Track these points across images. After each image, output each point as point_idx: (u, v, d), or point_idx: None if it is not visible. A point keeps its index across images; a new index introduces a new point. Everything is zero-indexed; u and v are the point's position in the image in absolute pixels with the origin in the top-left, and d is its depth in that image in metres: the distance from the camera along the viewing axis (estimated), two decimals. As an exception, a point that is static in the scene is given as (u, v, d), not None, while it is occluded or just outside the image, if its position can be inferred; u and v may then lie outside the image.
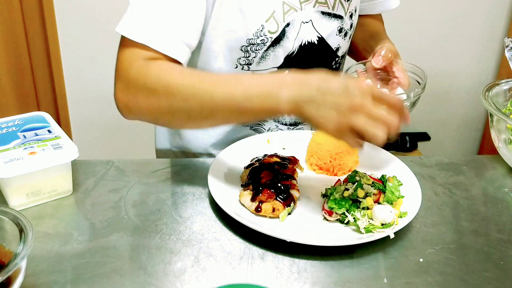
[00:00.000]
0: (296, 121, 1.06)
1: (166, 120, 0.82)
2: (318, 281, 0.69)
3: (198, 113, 0.77)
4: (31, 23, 2.21)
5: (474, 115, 2.55)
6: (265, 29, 0.91)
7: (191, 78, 0.78)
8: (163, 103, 0.78)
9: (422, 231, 0.79)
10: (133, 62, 0.81)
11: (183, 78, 0.78)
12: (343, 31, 1.00)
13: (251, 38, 0.91)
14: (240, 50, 0.93)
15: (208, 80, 0.77)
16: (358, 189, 0.79)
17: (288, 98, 0.71)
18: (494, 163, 1.00)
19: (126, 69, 0.81)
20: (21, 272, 0.60)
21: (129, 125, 2.42)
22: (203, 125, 0.83)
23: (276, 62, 0.96)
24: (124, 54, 0.83)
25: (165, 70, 0.79)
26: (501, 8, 2.32)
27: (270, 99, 0.72)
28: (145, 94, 0.79)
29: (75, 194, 0.85)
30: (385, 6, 1.13)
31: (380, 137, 0.68)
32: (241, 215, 0.76)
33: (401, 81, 0.93)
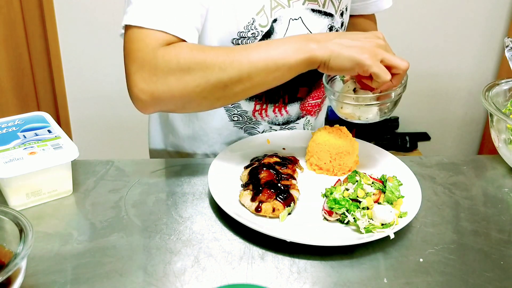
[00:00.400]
0: (288, 119, 1.06)
1: (199, 99, 0.81)
2: (318, 281, 0.69)
3: (236, 81, 0.79)
4: (31, 23, 2.21)
5: (474, 115, 2.55)
6: (256, 22, 0.91)
7: (224, 50, 0.81)
8: (200, 80, 0.79)
9: (422, 231, 0.79)
10: (155, 48, 0.79)
11: (216, 51, 0.81)
12: (334, 29, 1.00)
13: (242, 31, 0.91)
14: (231, 43, 0.92)
15: (241, 48, 0.81)
16: (358, 189, 0.79)
17: (320, 44, 0.78)
18: (494, 163, 1.00)
19: (149, 55, 0.79)
20: (21, 272, 0.60)
21: (129, 125, 2.42)
22: (238, 96, 0.83)
23: None
24: (140, 44, 0.80)
25: (196, 48, 0.81)
26: (501, 8, 2.32)
27: (304, 48, 0.78)
28: (179, 75, 0.79)
29: (75, 194, 0.85)
30: (378, 6, 1.13)
31: (405, 66, 0.79)
32: (241, 215, 0.76)
33: None
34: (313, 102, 1.09)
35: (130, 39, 0.81)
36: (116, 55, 2.31)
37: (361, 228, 0.75)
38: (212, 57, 0.79)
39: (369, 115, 0.89)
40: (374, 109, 0.88)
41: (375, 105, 0.87)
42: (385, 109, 0.88)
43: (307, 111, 1.08)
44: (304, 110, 1.08)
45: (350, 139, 0.92)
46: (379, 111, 0.88)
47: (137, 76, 0.80)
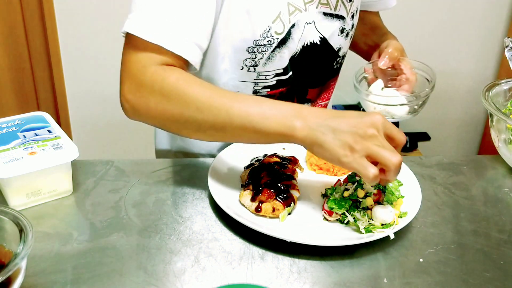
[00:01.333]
0: None
1: (174, 127, 0.81)
2: (318, 281, 0.69)
3: (210, 126, 0.77)
4: (31, 23, 2.21)
5: (474, 115, 2.55)
6: (271, 30, 0.91)
7: (209, 91, 0.77)
8: (176, 111, 0.77)
9: (422, 231, 0.79)
10: (147, 65, 0.79)
11: (201, 89, 0.77)
12: (345, 31, 1.01)
13: (258, 39, 0.91)
14: (247, 51, 0.92)
15: (227, 96, 0.77)
16: (358, 189, 0.79)
17: (304, 124, 0.71)
18: (494, 163, 1.00)
19: (139, 71, 0.80)
20: (21, 272, 0.60)
21: (129, 125, 2.42)
22: (211, 139, 0.81)
23: (281, 63, 0.96)
24: (135, 55, 0.81)
25: (183, 79, 0.78)
26: (501, 8, 2.32)
27: (286, 122, 0.72)
28: (159, 99, 0.78)
29: (75, 194, 0.85)
30: (384, 5, 1.14)
31: (396, 161, 0.68)
32: (241, 215, 0.76)
33: (408, 77, 0.96)
34: (323, 103, 1.09)
35: (127, 47, 0.82)
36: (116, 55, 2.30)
37: (361, 228, 0.75)
38: (195, 94, 0.76)
39: (401, 114, 0.93)
40: (406, 107, 0.92)
41: (406, 104, 0.92)
42: (414, 106, 0.93)
43: None
44: None
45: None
46: (410, 109, 0.93)
47: (125, 86, 0.81)
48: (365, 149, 0.69)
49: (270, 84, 0.98)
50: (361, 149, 0.69)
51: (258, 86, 0.97)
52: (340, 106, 2.39)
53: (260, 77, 0.96)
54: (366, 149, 0.69)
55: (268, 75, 0.96)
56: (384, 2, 1.14)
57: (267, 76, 0.96)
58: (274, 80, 0.97)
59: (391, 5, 1.14)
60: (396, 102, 0.92)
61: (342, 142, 0.69)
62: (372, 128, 0.70)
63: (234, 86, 0.97)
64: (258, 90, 0.98)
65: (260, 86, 0.98)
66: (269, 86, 0.98)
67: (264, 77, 0.96)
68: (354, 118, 0.71)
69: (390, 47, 0.98)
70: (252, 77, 0.96)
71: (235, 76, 0.96)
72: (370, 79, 1.00)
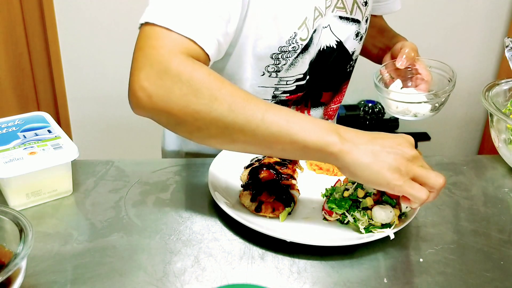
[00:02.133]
0: None
1: (193, 127, 0.71)
2: (318, 281, 0.69)
3: (239, 129, 0.69)
4: (31, 23, 2.21)
5: (474, 115, 2.55)
6: (297, 36, 0.90)
7: (243, 93, 0.70)
8: (204, 107, 0.69)
9: (422, 231, 0.79)
10: (172, 52, 0.71)
11: (235, 89, 0.70)
12: (360, 35, 1.01)
13: (284, 45, 0.89)
14: (270, 57, 0.91)
15: (263, 101, 0.71)
16: (358, 189, 0.79)
17: (346, 138, 0.68)
18: (494, 163, 1.00)
19: (164, 57, 0.70)
20: (21, 272, 0.60)
21: (129, 125, 2.42)
22: (231, 146, 0.73)
23: (302, 69, 0.96)
24: (157, 41, 0.72)
25: (215, 75, 0.71)
26: (501, 8, 2.32)
27: (328, 137, 0.67)
28: (185, 91, 0.69)
29: (75, 194, 0.85)
30: (389, 8, 1.14)
31: (442, 182, 0.68)
32: (241, 215, 0.76)
33: (424, 77, 0.98)
34: (335, 106, 1.10)
35: (147, 35, 0.73)
36: (116, 55, 2.32)
37: (361, 228, 0.75)
38: (229, 92, 0.69)
39: (424, 112, 0.94)
40: (427, 105, 0.93)
41: (428, 102, 0.93)
42: (436, 104, 0.94)
43: (328, 116, 1.10)
44: (326, 115, 1.09)
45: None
46: (432, 107, 0.95)
47: (143, 73, 0.71)
48: (413, 172, 0.68)
49: (290, 89, 0.98)
50: (409, 171, 0.67)
51: (278, 91, 0.97)
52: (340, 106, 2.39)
53: (281, 82, 0.96)
54: (413, 171, 0.68)
55: (289, 81, 0.96)
56: (389, 7, 1.14)
57: (288, 82, 0.96)
58: (294, 85, 0.97)
59: (395, 9, 1.14)
60: (418, 100, 0.94)
61: (389, 165, 0.67)
62: (412, 149, 0.69)
63: (253, 91, 0.95)
64: (278, 95, 0.98)
65: (280, 91, 0.97)
66: (289, 91, 0.98)
67: (285, 82, 0.96)
68: (391, 140, 0.69)
69: (406, 47, 0.99)
70: (273, 83, 0.96)
71: (256, 82, 0.95)
72: (387, 80, 1.01)
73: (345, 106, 2.41)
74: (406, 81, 1.00)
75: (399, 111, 0.94)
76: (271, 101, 0.99)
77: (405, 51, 0.98)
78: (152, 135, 2.41)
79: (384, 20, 1.19)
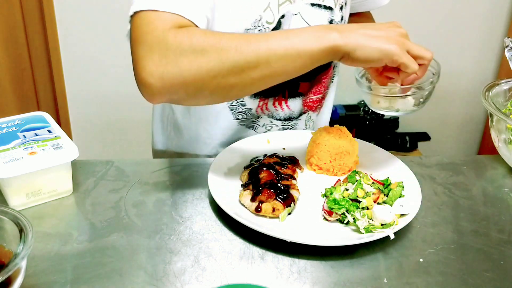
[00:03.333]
0: (291, 115, 1.06)
1: (212, 86, 0.74)
2: (318, 281, 0.69)
3: (253, 65, 0.73)
4: (31, 23, 2.21)
5: (474, 115, 2.55)
6: (263, 19, 0.91)
7: (240, 34, 0.76)
8: (214, 62, 0.72)
9: (422, 231, 0.79)
10: (165, 29, 0.74)
11: (231, 35, 0.75)
12: (334, 23, 1.00)
13: (249, 28, 0.91)
14: None
15: (258, 34, 0.78)
16: (358, 189, 0.79)
17: (342, 33, 0.75)
18: (494, 163, 1.00)
19: (159, 37, 0.73)
20: (21, 272, 0.60)
21: (129, 125, 2.43)
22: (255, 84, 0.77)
23: None
24: (149, 26, 0.75)
25: (210, 31, 0.76)
26: (501, 8, 2.32)
27: (326, 36, 0.74)
28: (191, 57, 0.72)
29: (75, 194, 0.85)
30: (375, 3, 1.13)
31: (431, 55, 0.78)
32: (241, 215, 0.76)
33: None
34: (315, 97, 1.09)
35: (138, 24, 0.76)
36: (116, 55, 2.32)
37: (361, 228, 0.75)
38: (228, 39, 0.73)
39: (407, 106, 0.91)
40: (411, 99, 0.91)
41: (411, 95, 0.90)
42: (420, 98, 0.91)
43: (308, 107, 1.08)
44: (306, 106, 1.08)
45: (350, 139, 0.92)
46: (415, 102, 0.91)
47: (146, 59, 0.73)
48: (406, 44, 0.76)
49: None
50: (403, 43, 0.75)
51: None
52: (340, 106, 2.39)
53: None
54: (406, 44, 0.76)
55: None
56: (376, 1, 1.13)
57: None
58: None
59: (381, 4, 1.13)
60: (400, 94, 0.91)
61: (386, 39, 0.75)
62: (401, 29, 0.77)
63: None
64: None
65: None
66: None
67: None
68: (380, 24, 0.78)
69: None
70: None
71: None
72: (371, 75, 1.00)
73: (345, 106, 2.41)
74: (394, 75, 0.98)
75: (381, 106, 0.92)
76: None
77: None
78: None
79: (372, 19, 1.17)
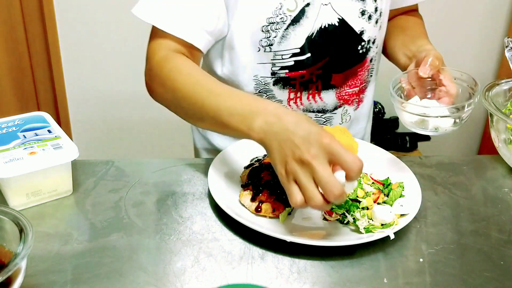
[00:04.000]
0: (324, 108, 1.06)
1: (174, 111, 0.89)
2: (318, 281, 0.69)
3: (192, 114, 0.85)
4: (31, 23, 2.21)
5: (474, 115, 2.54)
6: (283, 7, 0.92)
7: (193, 81, 0.84)
8: (170, 96, 0.87)
9: (422, 231, 0.79)
10: (156, 51, 0.90)
11: (187, 79, 0.84)
12: (366, 13, 0.99)
13: (271, 16, 0.93)
14: (261, 31, 0.94)
15: (206, 87, 0.83)
16: (358, 189, 0.79)
17: (260, 126, 0.73)
18: (494, 163, 1.00)
19: (150, 56, 0.91)
20: (21, 272, 0.60)
21: (129, 125, 2.42)
22: (199, 126, 0.93)
23: (297, 43, 0.96)
24: (152, 41, 0.92)
25: (176, 67, 0.87)
26: (501, 8, 2.32)
27: (246, 121, 0.75)
28: (159, 84, 0.88)
29: (75, 194, 0.85)
30: None
31: (317, 202, 0.67)
32: (241, 215, 0.76)
33: (448, 89, 0.90)
34: (350, 91, 1.07)
35: (152, 34, 0.92)
36: (116, 56, 2.31)
37: (361, 228, 0.75)
38: (181, 83, 0.84)
39: (446, 126, 0.86)
40: (450, 119, 0.86)
41: (450, 116, 0.86)
42: (457, 119, 0.87)
43: (344, 100, 1.07)
44: (341, 100, 1.06)
45: (350, 139, 0.92)
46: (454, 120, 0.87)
47: (145, 68, 0.92)
48: (296, 175, 0.68)
49: (287, 64, 0.98)
50: (293, 172, 0.69)
51: (276, 67, 0.98)
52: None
53: (277, 56, 0.97)
54: (296, 175, 0.68)
55: (285, 55, 0.97)
56: None
57: (283, 56, 0.97)
58: (292, 61, 0.98)
59: None
60: (437, 114, 0.86)
61: (280, 159, 0.70)
62: (311, 152, 0.67)
63: (253, 69, 0.99)
64: (276, 72, 0.99)
65: (278, 67, 0.98)
66: (287, 67, 0.98)
67: (280, 56, 0.97)
68: (301, 136, 0.69)
69: (430, 56, 0.93)
70: (269, 58, 0.97)
71: (253, 59, 0.98)
72: (406, 90, 0.94)
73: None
74: (428, 92, 0.93)
75: (414, 123, 0.87)
76: (271, 78, 1.00)
77: (428, 60, 0.92)
78: (152, 135, 2.41)
79: (422, 26, 1.14)
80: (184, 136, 1.97)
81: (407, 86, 0.93)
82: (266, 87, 1.01)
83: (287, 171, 0.69)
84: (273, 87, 1.01)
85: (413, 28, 1.12)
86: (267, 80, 1.00)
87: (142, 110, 2.30)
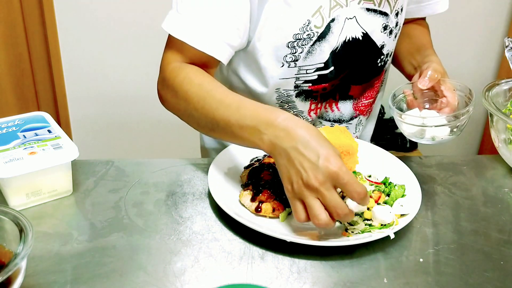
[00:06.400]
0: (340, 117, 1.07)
1: (187, 121, 0.89)
2: (318, 281, 0.69)
3: (204, 125, 0.84)
4: (31, 23, 2.21)
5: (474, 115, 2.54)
6: (311, 24, 0.92)
7: (204, 92, 0.83)
8: (182, 107, 0.87)
9: (422, 231, 0.79)
10: (170, 61, 0.90)
11: (198, 90, 0.84)
12: (388, 28, 1.00)
13: (298, 33, 0.92)
14: (287, 47, 0.93)
15: (216, 98, 0.82)
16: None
17: (270, 140, 0.74)
18: (494, 163, 1.00)
19: (164, 66, 0.91)
20: (21, 272, 0.60)
21: (129, 125, 2.42)
22: (212, 136, 0.92)
23: (322, 57, 0.96)
24: (167, 51, 0.92)
25: (189, 78, 0.86)
26: (501, 8, 2.32)
27: (256, 134, 0.75)
28: (171, 94, 0.88)
29: (75, 194, 0.85)
30: (433, 9, 1.12)
31: (321, 221, 0.69)
32: (241, 215, 0.76)
33: (449, 100, 0.92)
34: (366, 102, 1.09)
35: (168, 43, 0.92)
36: (116, 56, 2.32)
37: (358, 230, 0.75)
38: (193, 94, 0.84)
39: (443, 135, 0.89)
40: (447, 128, 0.88)
41: (447, 125, 0.88)
42: (454, 128, 0.89)
43: (360, 111, 1.09)
44: (357, 110, 1.08)
45: (350, 139, 0.92)
46: (451, 129, 0.89)
47: (159, 76, 0.92)
48: (303, 197, 0.70)
49: (311, 78, 0.98)
50: (300, 193, 0.70)
51: (299, 80, 0.98)
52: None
53: (301, 71, 0.97)
54: (303, 196, 0.70)
55: (309, 69, 0.97)
56: (432, 7, 1.11)
57: (307, 71, 0.97)
58: (315, 75, 0.98)
59: (440, 10, 1.12)
60: (433, 123, 0.89)
61: (288, 176, 0.71)
62: (318, 179, 0.68)
63: (275, 83, 0.99)
64: (300, 85, 0.99)
65: (301, 81, 0.99)
66: (311, 81, 0.99)
67: (305, 71, 0.97)
68: (310, 159, 0.69)
69: (430, 68, 0.95)
70: (293, 73, 0.97)
71: (276, 75, 0.97)
72: (409, 100, 0.97)
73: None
74: (430, 102, 0.96)
75: (412, 133, 0.90)
76: (294, 91, 1.00)
77: (428, 72, 0.94)
78: (152, 135, 2.41)
79: (427, 35, 1.15)
80: (184, 136, 1.97)
81: (410, 97, 0.96)
82: (288, 98, 1.01)
83: (293, 189, 0.71)
84: (295, 99, 1.01)
85: (419, 37, 1.13)
86: (289, 93, 1.00)
87: (142, 110, 2.30)
